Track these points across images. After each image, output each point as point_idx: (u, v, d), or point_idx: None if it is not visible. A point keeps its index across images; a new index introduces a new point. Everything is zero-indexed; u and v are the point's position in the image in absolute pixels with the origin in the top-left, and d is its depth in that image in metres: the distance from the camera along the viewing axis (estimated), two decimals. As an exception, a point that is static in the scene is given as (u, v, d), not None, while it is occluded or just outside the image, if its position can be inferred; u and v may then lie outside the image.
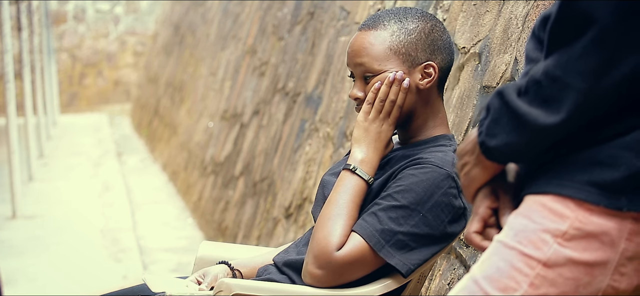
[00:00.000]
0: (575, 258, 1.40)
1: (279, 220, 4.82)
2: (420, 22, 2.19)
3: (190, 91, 9.18)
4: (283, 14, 6.16)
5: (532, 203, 1.43)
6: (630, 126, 1.37)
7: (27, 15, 10.66)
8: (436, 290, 2.89)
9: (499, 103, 1.42)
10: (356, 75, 2.21)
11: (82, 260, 5.84)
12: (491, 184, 1.50)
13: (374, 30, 2.19)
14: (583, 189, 1.39)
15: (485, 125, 1.44)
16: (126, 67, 15.77)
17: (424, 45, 2.17)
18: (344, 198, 2.14)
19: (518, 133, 1.41)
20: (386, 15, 2.20)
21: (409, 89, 2.17)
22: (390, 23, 2.18)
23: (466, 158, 1.51)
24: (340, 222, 2.11)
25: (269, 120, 5.69)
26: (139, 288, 2.34)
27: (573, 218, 1.39)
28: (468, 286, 1.47)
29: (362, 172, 2.15)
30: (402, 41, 2.17)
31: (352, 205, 2.13)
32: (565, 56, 1.36)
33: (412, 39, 2.17)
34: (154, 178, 9.20)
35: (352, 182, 2.15)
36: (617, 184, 1.37)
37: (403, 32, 2.17)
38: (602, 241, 1.39)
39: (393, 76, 2.15)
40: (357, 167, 2.15)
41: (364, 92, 2.20)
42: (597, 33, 1.33)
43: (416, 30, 2.18)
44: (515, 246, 1.42)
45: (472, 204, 1.53)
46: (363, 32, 2.20)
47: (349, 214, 2.12)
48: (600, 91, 1.35)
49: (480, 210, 1.51)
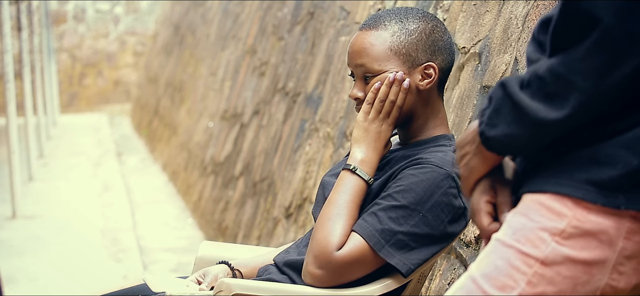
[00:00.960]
0: (573, 257, 1.40)
1: (279, 220, 4.82)
2: (421, 22, 2.18)
3: (190, 91, 9.18)
4: (283, 14, 6.16)
5: (530, 202, 1.43)
6: (633, 122, 1.38)
7: (27, 15, 10.66)
8: (436, 290, 2.89)
9: (501, 94, 1.42)
10: (356, 75, 2.21)
11: (82, 260, 5.84)
12: (489, 178, 1.50)
13: (374, 30, 2.19)
14: (581, 188, 1.39)
15: (486, 114, 1.45)
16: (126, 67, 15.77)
17: (424, 45, 2.17)
18: (343, 198, 2.14)
19: (518, 125, 1.41)
20: (387, 15, 2.20)
21: (409, 90, 2.17)
22: (391, 23, 2.18)
23: (466, 148, 1.51)
24: (340, 222, 2.12)
25: (269, 120, 5.69)
26: (139, 288, 2.34)
27: (571, 217, 1.40)
28: (466, 285, 1.47)
29: (362, 172, 2.15)
30: (402, 42, 2.17)
31: (352, 205, 2.13)
32: (569, 56, 1.36)
33: (412, 40, 2.17)
34: (154, 178, 9.20)
35: (352, 182, 2.15)
36: (614, 183, 1.38)
37: (404, 33, 2.17)
38: (600, 240, 1.39)
39: (393, 76, 2.15)
40: (357, 167, 2.16)
41: (364, 92, 2.20)
42: (600, 34, 1.33)
43: (417, 30, 2.17)
44: (513, 244, 1.43)
45: (469, 197, 1.53)
46: (364, 32, 2.20)
47: (349, 214, 2.13)
48: (603, 90, 1.35)
49: (481, 204, 1.50)
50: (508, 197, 1.48)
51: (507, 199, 1.48)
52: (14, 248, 6.13)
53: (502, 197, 1.49)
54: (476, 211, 1.51)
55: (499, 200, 1.49)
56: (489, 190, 1.50)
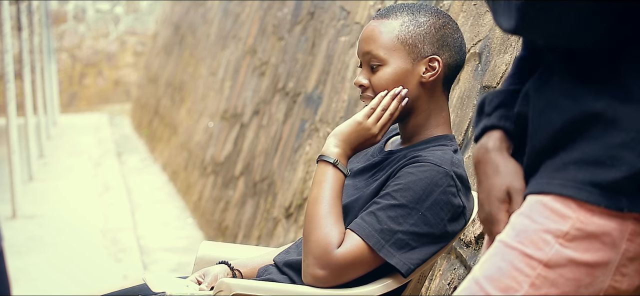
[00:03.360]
0: (576, 259, 1.40)
1: (279, 220, 4.82)
2: (432, 17, 2.20)
3: (190, 91, 9.17)
4: (283, 14, 6.15)
5: (534, 203, 1.43)
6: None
7: (27, 15, 10.66)
8: (436, 290, 2.88)
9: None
10: (363, 62, 2.23)
11: (82, 260, 5.84)
12: (505, 184, 1.50)
13: (385, 19, 2.21)
14: (584, 190, 1.39)
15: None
16: (126, 67, 15.76)
17: (432, 39, 2.17)
18: (329, 194, 2.14)
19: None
20: (400, 7, 2.22)
21: (413, 82, 2.17)
22: (402, 14, 2.20)
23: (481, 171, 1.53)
24: (332, 219, 2.12)
25: (269, 120, 5.69)
26: (139, 288, 2.34)
27: (575, 219, 1.39)
28: (469, 287, 1.46)
29: (342, 166, 2.16)
30: (410, 32, 2.17)
31: (338, 201, 2.15)
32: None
33: (420, 31, 2.17)
34: (154, 178, 9.19)
35: (335, 177, 2.16)
36: (618, 185, 1.37)
37: (413, 24, 2.18)
38: (604, 242, 1.39)
39: (399, 91, 2.16)
40: (338, 160, 2.16)
41: (368, 80, 2.21)
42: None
43: (427, 23, 2.18)
44: (517, 246, 1.42)
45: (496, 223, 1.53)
46: (375, 20, 2.23)
47: (337, 210, 2.14)
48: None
49: (500, 215, 1.51)
50: (520, 205, 1.48)
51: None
52: (14, 248, 6.13)
53: (516, 205, 1.49)
54: (495, 221, 1.51)
55: (513, 209, 1.49)
56: (506, 198, 1.50)
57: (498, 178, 1.51)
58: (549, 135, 1.44)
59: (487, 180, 1.53)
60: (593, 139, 1.40)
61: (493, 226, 1.51)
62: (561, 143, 1.42)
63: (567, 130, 1.42)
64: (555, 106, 1.44)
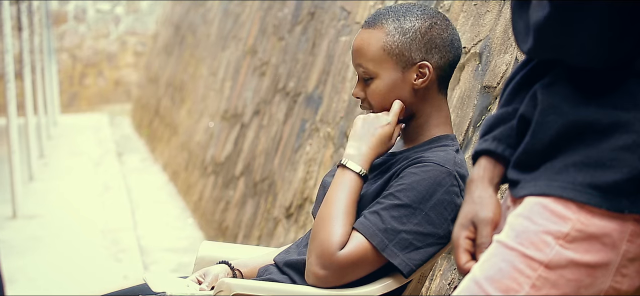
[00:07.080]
0: (577, 260, 1.40)
1: (279, 220, 4.82)
2: (417, 21, 2.18)
3: (190, 91, 9.17)
4: (283, 14, 6.15)
5: (534, 205, 1.43)
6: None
7: (28, 15, 10.66)
8: (436, 290, 2.88)
9: None
10: (358, 74, 2.23)
11: (82, 260, 5.83)
12: (470, 212, 1.52)
13: (372, 29, 2.20)
14: (584, 192, 1.39)
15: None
16: (127, 67, 15.76)
17: (419, 45, 2.17)
18: (340, 196, 2.14)
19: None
20: (386, 14, 2.21)
21: (406, 90, 2.18)
22: (387, 22, 2.19)
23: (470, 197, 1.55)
24: (340, 221, 2.11)
25: (270, 120, 5.69)
26: (140, 288, 2.34)
27: (575, 220, 1.39)
28: (469, 287, 1.47)
29: (352, 164, 2.15)
30: (396, 41, 2.17)
31: (349, 202, 2.14)
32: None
33: (406, 40, 2.17)
34: (154, 178, 9.19)
35: (346, 178, 2.15)
36: (618, 186, 1.38)
37: (398, 32, 2.17)
38: (604, 243, 1.39)
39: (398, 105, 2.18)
40: (347, 160, 2.16)
41: (364, 93, 2.22)
42: None
43: (412, 29, 2.18)
44: (516, 247, 1.43)
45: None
46: (363, 31, 2.23)
47: (347, 212, 2.12)
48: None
49: (461, 240, 1.53)
50: (488, 237, 1.49)
51: (487, 240, 1.49)
52: (14, 248, 6.13)
53: (482, 237, 1.50)
54: (455, 245, 1.53)
55: (480, 241, 1.50)
56: (469, 225, 1.52)
57: (467, 206, 1.54)
58: (550, 136, 1.44)
59: (463, 205, 1.56)
60: (594, 142, 1.40)
61: (453, 250, 1.54)
62: (561, 145, 1.42)
63: (568, 133, 1.42)
64: (559, 109, 1.44)
